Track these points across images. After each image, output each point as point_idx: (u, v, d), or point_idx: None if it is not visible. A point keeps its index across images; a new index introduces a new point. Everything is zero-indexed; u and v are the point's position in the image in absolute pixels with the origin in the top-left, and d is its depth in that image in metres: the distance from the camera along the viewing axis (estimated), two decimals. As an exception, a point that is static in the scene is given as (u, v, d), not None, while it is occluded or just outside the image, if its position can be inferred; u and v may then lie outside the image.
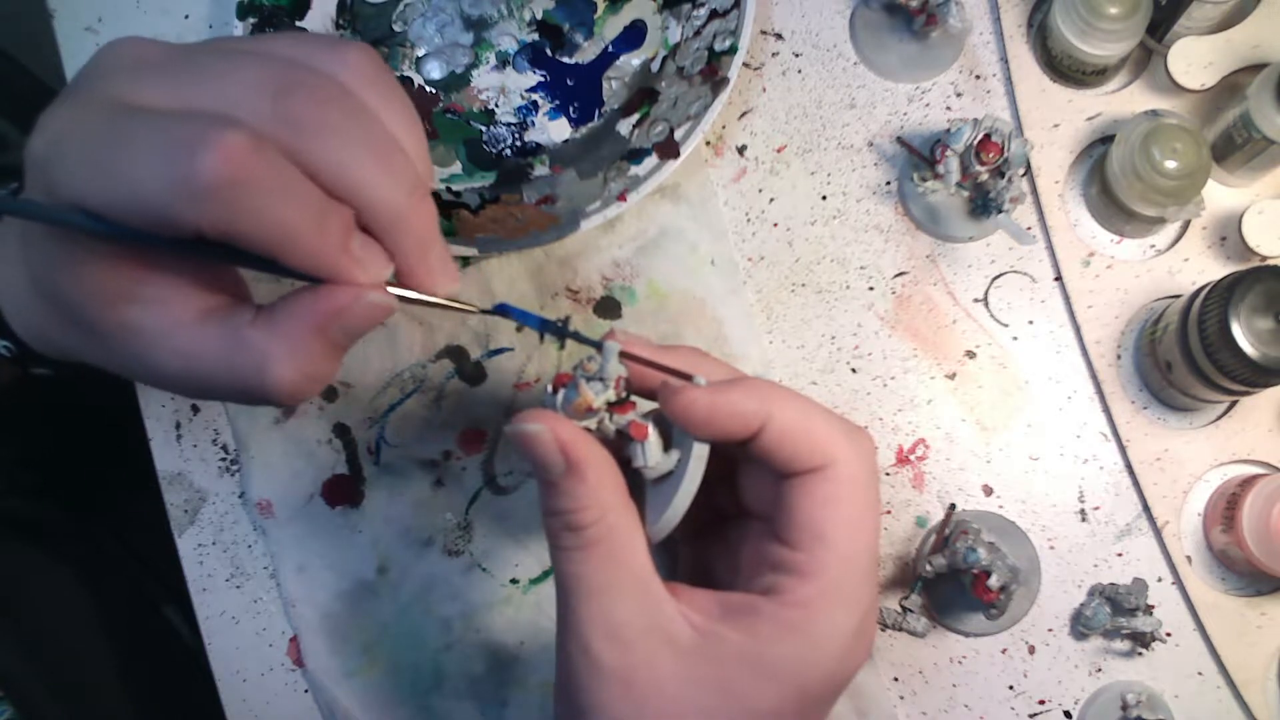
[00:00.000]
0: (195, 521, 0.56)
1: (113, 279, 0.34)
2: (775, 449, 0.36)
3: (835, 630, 0.35)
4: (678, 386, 0.37)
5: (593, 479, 0.36)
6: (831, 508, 0.36)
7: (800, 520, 0.36)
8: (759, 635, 0.35)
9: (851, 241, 0.56)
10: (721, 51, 0.54)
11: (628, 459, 0.37)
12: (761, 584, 0.36)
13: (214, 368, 0.35)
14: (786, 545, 0.36)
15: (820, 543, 0.35)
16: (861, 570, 0.36)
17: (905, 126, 0.56)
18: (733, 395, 0.36)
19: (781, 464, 0.36)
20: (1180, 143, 0.49)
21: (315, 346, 0.34)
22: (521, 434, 0.36)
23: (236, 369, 0.34)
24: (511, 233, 0.54)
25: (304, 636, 0.54)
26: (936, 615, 0.52)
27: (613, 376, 0.37)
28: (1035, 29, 0.56)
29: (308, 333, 0.34)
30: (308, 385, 0.35)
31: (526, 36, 0.59)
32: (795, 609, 0.35)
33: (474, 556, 0.55)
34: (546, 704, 0.53)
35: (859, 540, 0.36)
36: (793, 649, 0.35)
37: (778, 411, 0.36)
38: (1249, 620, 0.51)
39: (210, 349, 0.34)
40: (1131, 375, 0.53)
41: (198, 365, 0.35)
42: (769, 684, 0.35)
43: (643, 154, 0.54)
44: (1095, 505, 0.53)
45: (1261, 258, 0.52)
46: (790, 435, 0.36)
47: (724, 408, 0.36)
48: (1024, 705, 0.52)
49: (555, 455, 0.36)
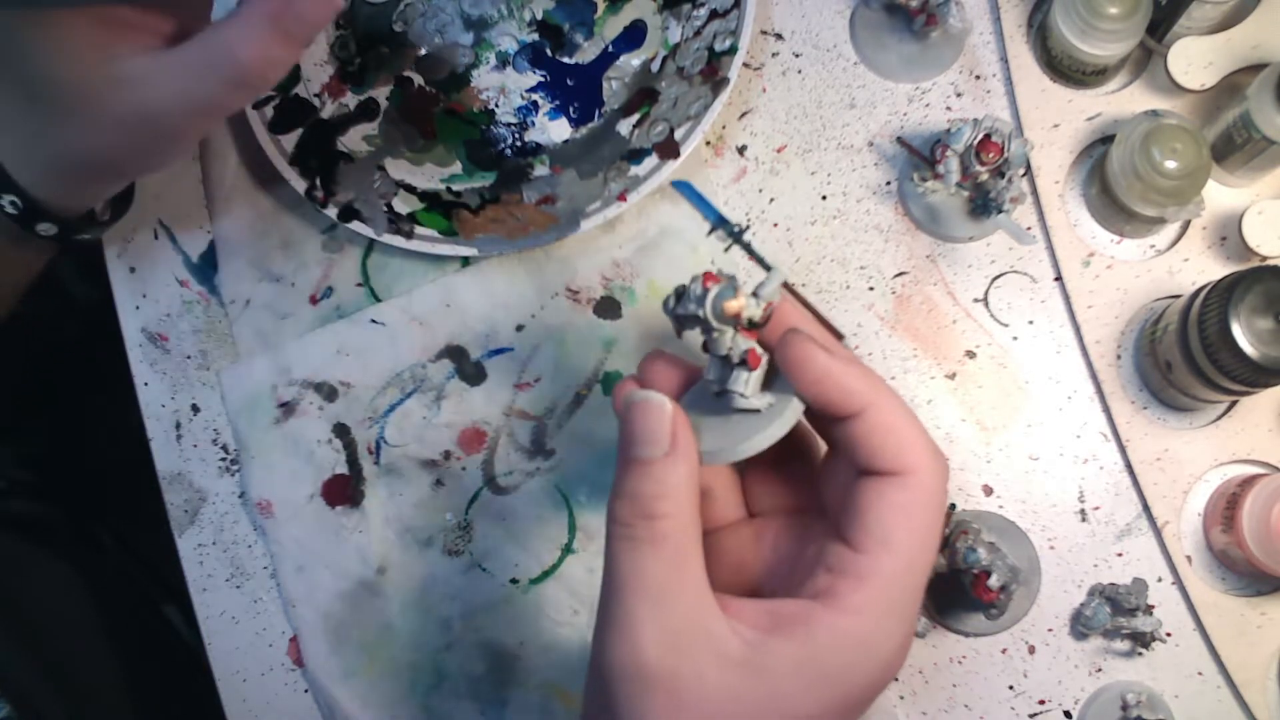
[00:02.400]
0: (195, 521, 0.56)
1: (97, 37, 0.40)
2: (865, 440, 0.36)
3: (886, 638, 0.35)
4: (803, 337, 0.37)
5: (686, 470, 0.35)
6: (903, 515, 0.36)
7: (869, 522, 0.36)
8: (811, 642, 0.35)
9: (851, 241, 0.56)
10: (721, 51, 0.54)
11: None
12: (814, 585, 0.36)
13: (198, 74, 0.41)
14: (849, 546, 0.36)
15: (884, 548, 0.35)
16: (916, 583, 0.36)
17: (905, 126, 0.56)
18: (849, 369, 0.36)
19: (865, 457, 0.36)
20: (1180, 143, 0.49)
21: (271, 34, 0.40)
22: (640, 401, 0.35)
23: (214, 62, 0.41)
24: (511, 233, 0.54)
25: (304, 636, 0.54)
26: (937, 615, 0.52)
27: (767, 299, 0.37)
28: (1035, 29, 0.56)
29: (263, 21, 0.40)
30: (270, 67, 0.41)
31: (526, 36, 0.59)
32: (849, 615, 0.35)
33: (474, 556, 0.55)
34: (546, 704, 0.53)
35: (921, 554, 0.36)
36: (844, 656, 0.35)
37: (881, 402, 0.36)
38: (1249, 620, 0.51)
39: (191, 61, 0.41)
40: (1131, 375, 0.53)
41: (185, 81, 0.41)
42: (816, 691, 0.35)
43: (643, 154, 0.54)
44: (1095, 505, 0.53)
45: (1261, 258, 0.52)
46: (883, 430, 0.36)
47: (836, 376, 0.36)
48: (1024, 705, 0.52)
49: (664, 432, 0.35)
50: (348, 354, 0.56)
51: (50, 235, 0.48)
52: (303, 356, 0.56)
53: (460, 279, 0.56)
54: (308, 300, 0.57)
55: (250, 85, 0.42)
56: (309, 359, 0.56)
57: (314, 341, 0.56)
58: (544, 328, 0.56)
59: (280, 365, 0.56)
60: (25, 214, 0.47)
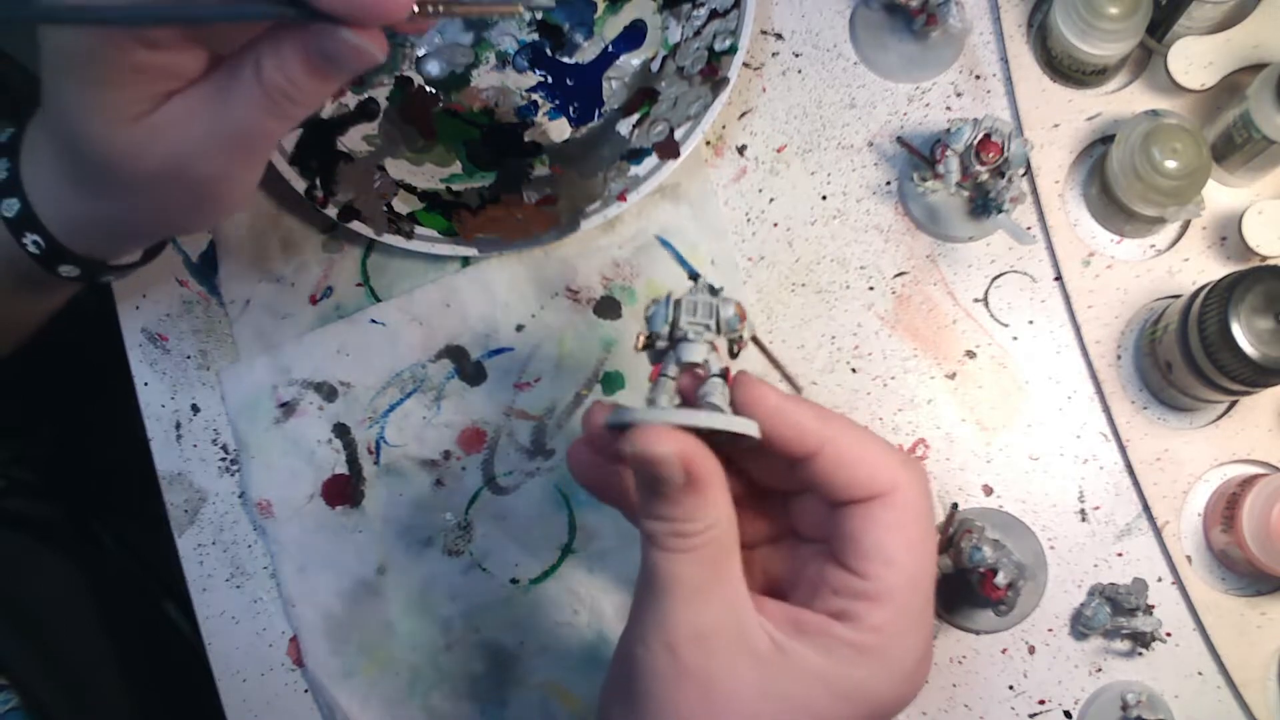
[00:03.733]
0: (195, 521, 0.56)
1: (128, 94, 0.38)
2: (832, 474, 0.37)
3: (907, 654, 0.36)
4: (756, 379, 0.37)
5: (710, 496, 0.35)
6: (897, 532, 0.36)
7: (867, 547, 0.36)
8: (835, 657, 0.35)
9: (851, 241, 0.56)
10: (721, 51, 0.54)
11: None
12: (827, 607, 0.36)
13: (226, 103, 0.39)
14: (851, 571, 0.36)
15: (890, 568, 0.36)
16: (925, 594, 0.37)
17: (905, 126, 0.56)
18: (801, 408, 0.37)
19: (838, 490, 0.37)
20: (1180, 143, 0.49)
21: (298, 66, 0.38)
22: (650, 457, 0.34)
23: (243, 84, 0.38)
24: (511, 233, 0.54)
25: (304, 636, 0.54)
26: (946, 615, 0.52)
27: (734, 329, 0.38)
28: (1035, 29, 0.56)
29: (294, 54, 0.37)
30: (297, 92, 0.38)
31: (526, 36, 0.59)
32: (870, 634, 0.35)
33: (474, 556, 0.55)
34: (546, 704, 0.53)
35: (923, 565, 0.37)
36: (868, 672, 0.35)
37: (840, 437, 0.36)
38: (1249, 620, 0.51)
39: (217, 86, 0.39)
40: (1131, 375, 0.53)
41: (215, 114, 0.39)
42: (843, 704, 0.35)
43: (643, 154, 0.54)
44: (1095, 505, 0.53)
45: (1261, 258, 0.52)
46: (850, 463, 0.36)
47: (790, 414, 0.36)
48: (1024, 705, 0.52)
49: (678, 473, 0.35)
50: (347, 354, 0.56)
51: (73, 277, 0.48)
52: (303, 356, 0.56)
53: (460, 279, 0.56)
54: (308, 300, 0.57)
55: (280, 108, 0.39)
56: (309, 359, 0.56)
57: (314, 341, 0.56)
58: (544, 328, 0.56)
59: (280, 365, 0.56)
60: (48, 255, 0.46)
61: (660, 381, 0.38)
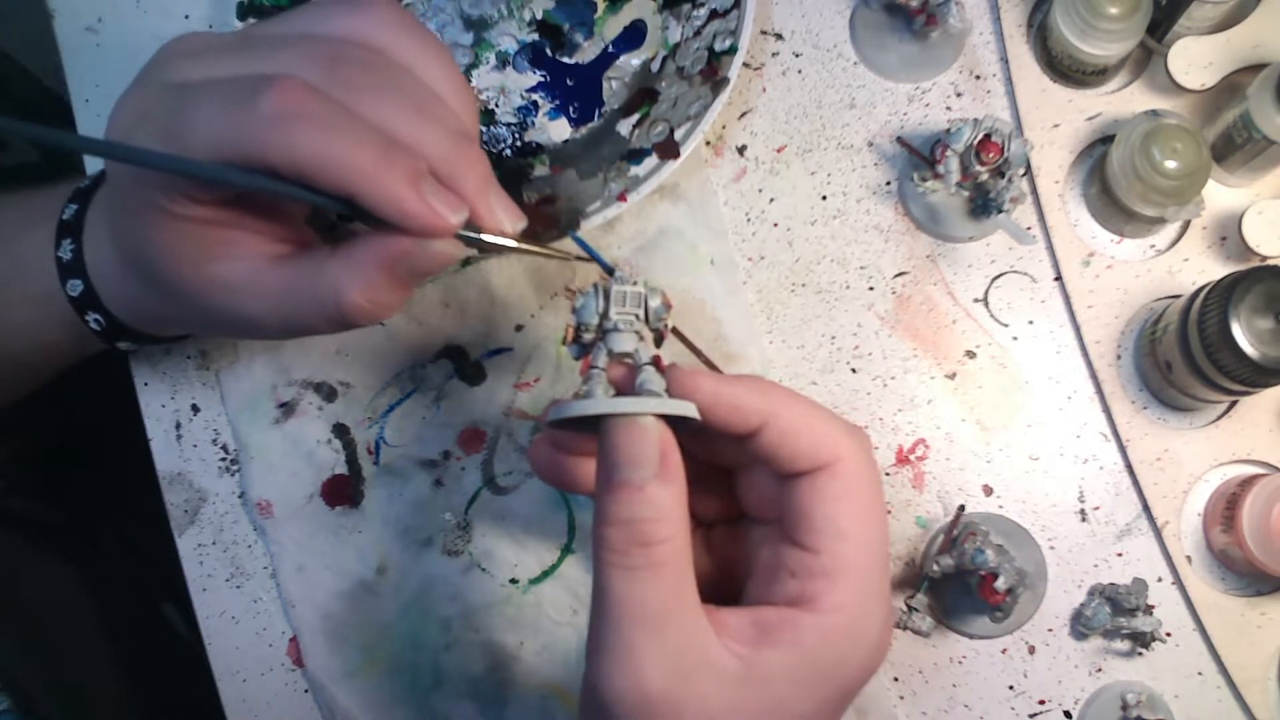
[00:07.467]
0: (195, 521, 0.56)
1: (197, 240, 0.39)
2: (777, 448, 0.36)
3: (870, 627, 0.36)
4: (685, 369, 0.37)
5: (679, 490, 0.34)
6: (845, 503, 0.36)
7: (816, 521, 0.36)
8: (804, 646, 0.35)
9: (851, 241, 0.56)
10: (721, 51, 0.54)
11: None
12: (785, 592, 0.36)
13: (297, 299, 0.39)
14: (804, 549, 0.36)
15: (842, 540, 0.36)
16: (882, 562, 0.37)
17: (905, 126, 0.56)
18: (737, 388, 0.36)
19: (784, 463, 0.36)
20: (1180, 143, 0.49)
21: (382, 280, 0.38)
22: (629, 424, 0.34)
23: (318, 295, 0.39)
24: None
25: (304, 636, 0.54)
26: (942, 616, 0.52)
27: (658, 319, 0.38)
28: (1035, 29, 0.56)
29: (376, 267, 0.38)
30: (377, 310, 0.39)
31: (526, 36, 0.59)
32: (834, 614, 0.35)
33: (474, 556, 0.55)
34: (546, 704, 0.53)
35: (875, 532, 0.37)
36: (836, 654, 0.35)
37: (781, 410, 0.36)
38: (1249, 620, 0.51)
39: (295, 288, 0.39)
40: (1131, 375, 0.53)
41: (283, 301, 0.40)
42: (813, 690, 0.35)
43: (643, 154, 0.54)
44: (1095, 505, 0.53)
45: (1261, 258, 0.52)
46: (792, 435, 0.36)
47: (727, 398, 0.36)
48: (1024, 705, 0.52)
49: (653, 453, 0.34)
50: (347, 354, 0.56)
51: (127, 349, 0.51)
52: (302, 357, 0.56)
53: (460, 279, 0.56)
54: (308, 300, 0.57)
55: (353, 325, 0.40)
56: (308, 359, 0.56)
57: (313, 342, 0.56)
58: (544, 328, 0.56)
59: (280, 365, 0.56)
60: (108, 331, 0.48)
61: (593, 374, 0.37)
